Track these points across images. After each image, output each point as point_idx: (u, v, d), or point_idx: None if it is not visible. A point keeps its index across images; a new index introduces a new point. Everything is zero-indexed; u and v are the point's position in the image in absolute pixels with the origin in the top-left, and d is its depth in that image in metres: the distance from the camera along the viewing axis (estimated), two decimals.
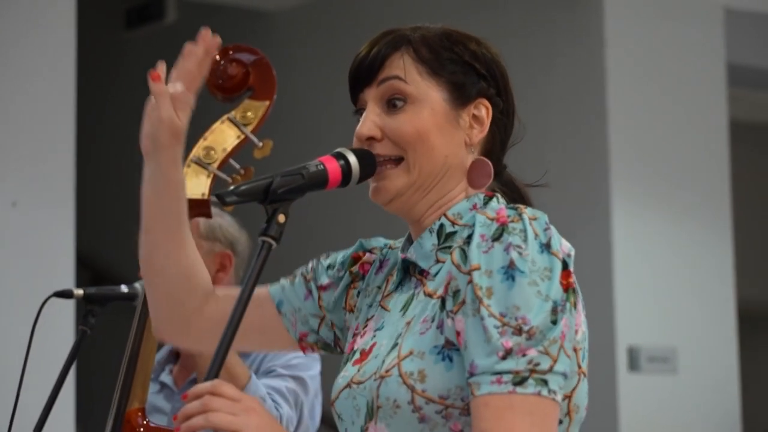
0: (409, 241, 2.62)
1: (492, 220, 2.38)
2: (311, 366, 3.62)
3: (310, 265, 2.75)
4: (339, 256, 2.74)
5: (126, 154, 7.08)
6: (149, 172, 2.57)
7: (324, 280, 2.72)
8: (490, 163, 2.55)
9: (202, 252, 3.53)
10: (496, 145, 2.59)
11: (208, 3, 7.79)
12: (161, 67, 2.57)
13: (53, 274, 5.32)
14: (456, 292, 2.36)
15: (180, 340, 2.96)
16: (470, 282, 2.32)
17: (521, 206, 2.40)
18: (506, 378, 2.27)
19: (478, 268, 2.31)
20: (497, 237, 2.35)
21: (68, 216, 5.61)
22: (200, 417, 2.17)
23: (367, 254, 2.73)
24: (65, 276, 5.46)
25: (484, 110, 2.55)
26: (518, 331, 2.28)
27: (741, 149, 7.29)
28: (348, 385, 2.51)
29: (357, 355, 2.56)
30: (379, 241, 2.73)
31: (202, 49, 2.56)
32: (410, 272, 2.58)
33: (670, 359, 6.81)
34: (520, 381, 2.27)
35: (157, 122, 2.51)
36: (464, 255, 2.37)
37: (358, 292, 2.69)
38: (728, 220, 7.02)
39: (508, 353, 2.27)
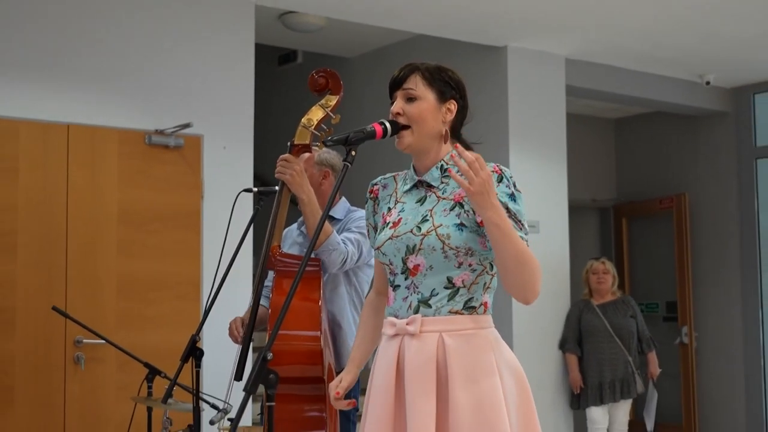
0: (414, 169, 2.57)
1: (493, 171, 2.38)
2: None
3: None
4: (369, 205, 2.70)
5: (279, 130, 7.02)
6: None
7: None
8: (448, 132, 2.55)
9: (315, 170, 3.54)
10: (458, 123, 2.60)
11: (315, 52, 7.62)
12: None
13: (242, 182, 5.23)
14: None
15: None
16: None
17: (501, 165, 2.46)
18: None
19: (496, 194, 2.34)
20: (499, 180, 2.41)
21: (249, 154, 5.51)
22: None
23: (374, 187, 2.67)
24: (248, 182, 5.38)
25: (453, 105, 2.53)
26: (521, 221, 2.40)
27: (572, 126, 7.17)
28: (390, 238, 2.49)
29: (390, 224, 2.53)
30: (377, 179, 2.68)
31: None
32: (417, 186, 2.54)
33: (536, 227, 6.66)
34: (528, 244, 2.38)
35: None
36: None
37: (377, 203, 2.65)
38: (564, 158, 6.87)
39: (521, 225, 2.40)
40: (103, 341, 4.17)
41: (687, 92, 7.76)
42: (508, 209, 2.36)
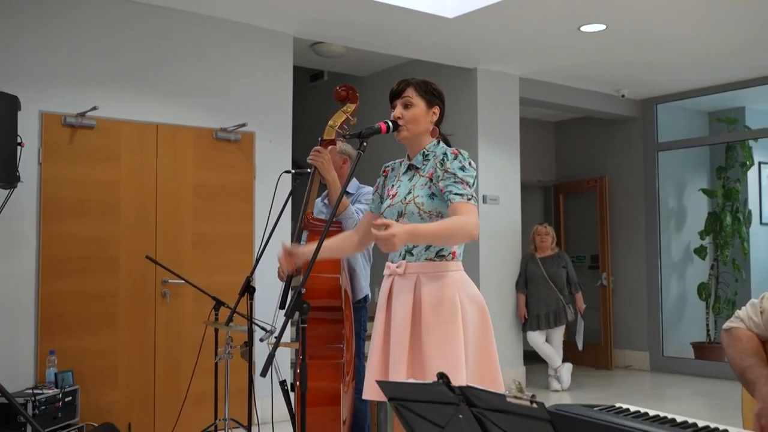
0: (408, 157, 2.49)
1: (452, 153, 2.35)
2: None
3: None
4: (380, 179, 2.60)
5: (311, 129, 6.95)
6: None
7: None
8: (437, 128, 2.46)
9: (337, 157, 3.48)
10: (440, 122, 2.49)
11: (338, 72, 7.59)
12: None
13: (283, 166, 5.23)
14: (438, 175, 2.33)
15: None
16: (447, 171, 2.32)
17: (460, 149, 2.37)
18: (464, 199, 2.27)
19: (450, 166, 2.32)
20: (455, 158, 2.34)
21: (288, 146, 5.50)
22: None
23: (386, 168, 2.58)
24: (287, 166, 5.38)
25: (437, 110, 2.46)
26: (466, 184, 2.29)
27: (523, 127, 7.14)
28: (388, 206, 2.43)
29: (390, 196, 2.46)
30: (389, 162, 2.60)
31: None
32: (410, 168, 2.47)
33: (497, 200, 6.67)
34: (468, 199, 2.28)
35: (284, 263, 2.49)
36: (442, 164, 2.34)
37: (386, 179, 2.56)
38: (518, 150, 6.82)
39: (465, 187, 2.29)
40: (183, 281, 4.19)
41: (608, 102, 7.71)
42: (457, 175, 2.31)
